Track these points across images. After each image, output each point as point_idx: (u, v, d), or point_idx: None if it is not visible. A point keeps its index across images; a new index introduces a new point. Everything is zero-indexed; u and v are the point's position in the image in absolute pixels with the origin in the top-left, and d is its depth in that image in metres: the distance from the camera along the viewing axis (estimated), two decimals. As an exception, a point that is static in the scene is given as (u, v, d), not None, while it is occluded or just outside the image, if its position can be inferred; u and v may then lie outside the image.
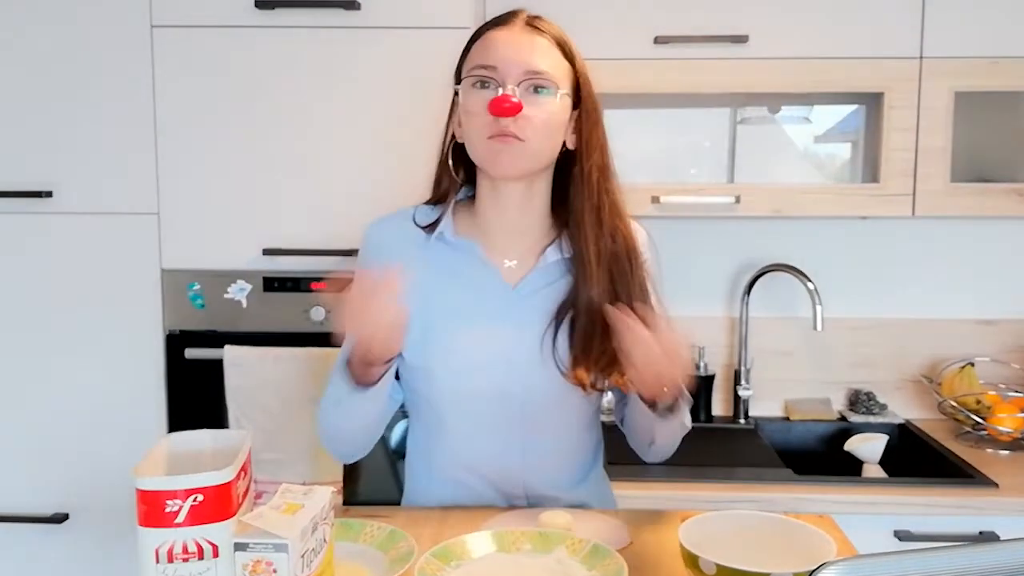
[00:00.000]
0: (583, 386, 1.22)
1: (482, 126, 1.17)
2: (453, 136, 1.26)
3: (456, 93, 1.24)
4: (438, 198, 1.30)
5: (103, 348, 1.81)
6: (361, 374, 1.16)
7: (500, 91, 1.15)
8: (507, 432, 1.26)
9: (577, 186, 1.23)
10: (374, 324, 1.08)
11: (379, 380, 1.16)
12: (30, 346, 1.82)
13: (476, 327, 1.24)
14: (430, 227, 1.26)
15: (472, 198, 1.29)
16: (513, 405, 1.25)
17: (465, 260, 1.25)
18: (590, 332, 1.21)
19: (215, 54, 1.75)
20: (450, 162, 1.27)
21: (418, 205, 1.31)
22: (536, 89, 1.17)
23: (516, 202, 1.25)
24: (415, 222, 1.28)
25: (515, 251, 1.27)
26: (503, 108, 1.13)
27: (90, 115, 1.77)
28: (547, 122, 1.18)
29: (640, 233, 1.31)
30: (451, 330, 1.24)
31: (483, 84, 1.18)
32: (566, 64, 1.21)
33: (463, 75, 1.22)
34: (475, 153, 1.21)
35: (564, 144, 1.24)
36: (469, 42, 1.24)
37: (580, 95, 1.23)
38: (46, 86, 1.77)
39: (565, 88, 1.20)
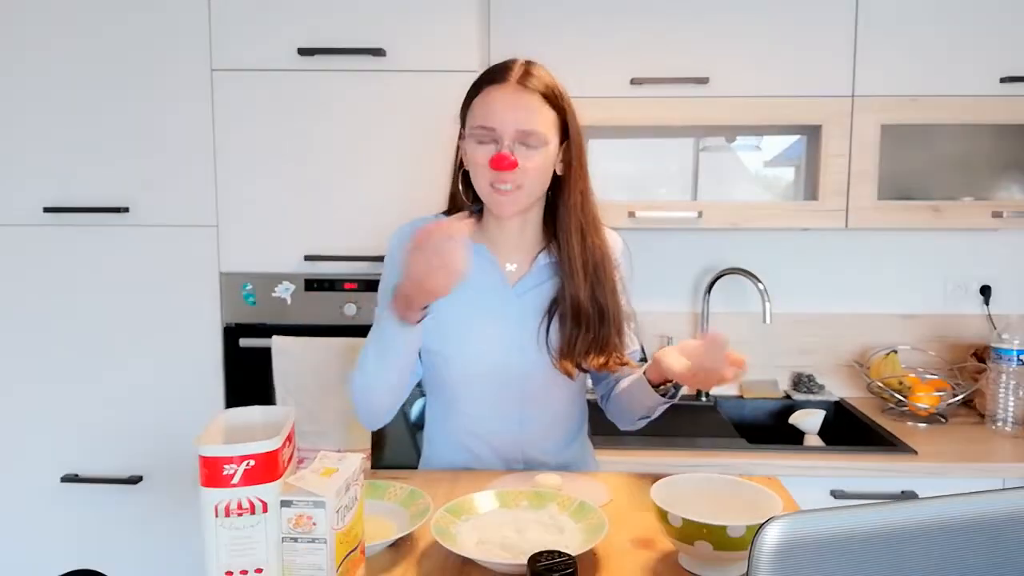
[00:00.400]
0: (569, 374, 1.23)
1: (485, 176, 1.18)
2: (461, 163, 1.25)
3: (462, 127, 1.23)
4: (452, 211, 1.29)
5: (171, 339, 1.81)
6: (402, 315, 1.12)
7: (497, 148, 1.15)
8: (508, 407, 1.27)
9: (564, 207, 1.24)
10: (437, 261, 1.03)
11: (419, 321, 1.13)
12: (111, 337, 1.82)
13: (484, 320, 1.25)
14: None
15: (480, 211, 1.28)
16: (513, 385, 1.26)
17: (476, 263, 1.24)
18: (574, 325, 1.23)
19: (265, 92, 1.75)
20: (460, 186, 1.26)
21: (436, 215, 1.30)
22: (528, 145, 1.16)
23: (515, 222, 1.26)
24: None
25: (515, 256, 1.28)
26: (501, 166, 1.14)
27: (161, 143, 1.77)
28: (539, 169, 1.18)
29: (617, 242, 1.31)
30: (463, 322, 1.24)
31: (483, 141, 1.17)
32: (554, 114, 1.19)
33: (467, 130, 1.20)
34: (480, 194, 1.21)
35: (554, 171, 1.24)
36: (471, 91, 1.21)
37: (568, 130, 1.22)
38: (124, 120, 1.77)
39: (553, 136, 1.19)
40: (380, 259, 1.75)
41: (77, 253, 1.80)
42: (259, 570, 0.79)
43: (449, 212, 1.30)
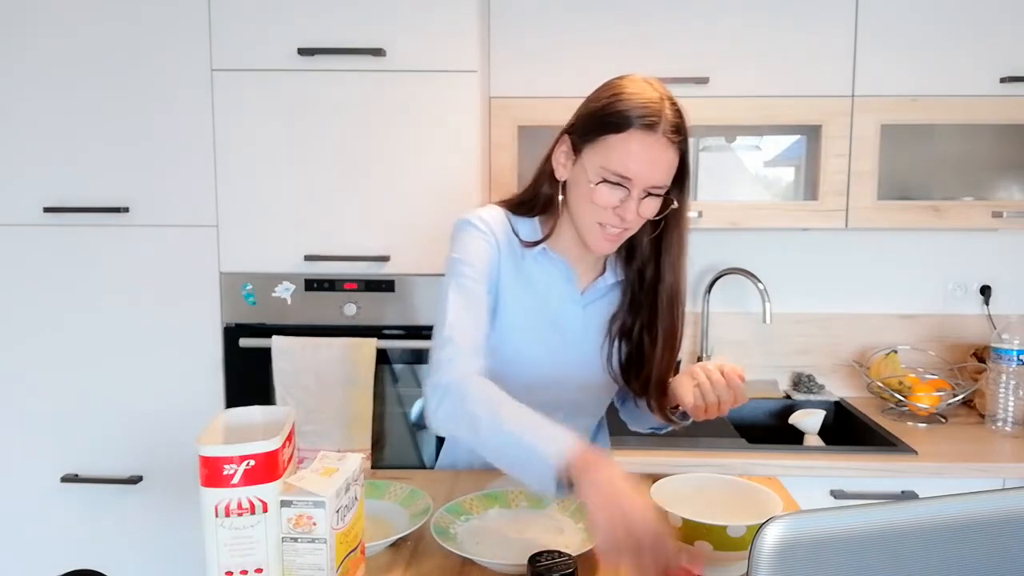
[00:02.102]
0: (633, 390, 1.23)
1: (599, 216, 1.12)
2: (551, 168, 1.18)
3: (576, 137, 1.14)
4: (529, 212, 1.22)
5: (172, 338, 1.81)
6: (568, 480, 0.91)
7: (624, 196, 1.09)
8: (558, 415, 1.24)
9: (673, 233, 1.19)
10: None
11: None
12: (111, 337, 1.82)
13: (552, 326, 1.22)
14: (534, 243, 1.19)
15: (548, 212, 1.21)
16: (568, 394, 1.24)
17: (553, 271, 1.21)
18: (666, 353, 1.21)
19: (265, 92, 1.75)
20: (560, 197, 1.17)
21: (503, 210, 1.22)
22: (652, 194, 1.11)
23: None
24: (516, 233, 1.20)
25: (584, 266, 1.24)
26: (628, 218, 1.10)
27: (161, 143, 1.77)
28: (651, 215, 1.13)
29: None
30: (532, 327, 1.20)
31: (611, 182, 1.09)
32: (678, 160, 1.12)
33: (592, 161, 1.10)
34: (582, 228, 1.15)
35: None
36: (611, 122, 1.09)
37: (684, 163, 1.15)
38: (124, 119, 1.77)
39: (670, 182, 1.13)
40: (380, 259, 1.76)
41: (77, 253, 1.80)
42: (259, 570, 0.79)
43: (520, 207, 1.22)
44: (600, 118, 1.10)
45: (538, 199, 1.21)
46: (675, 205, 1.14)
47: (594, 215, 1.12)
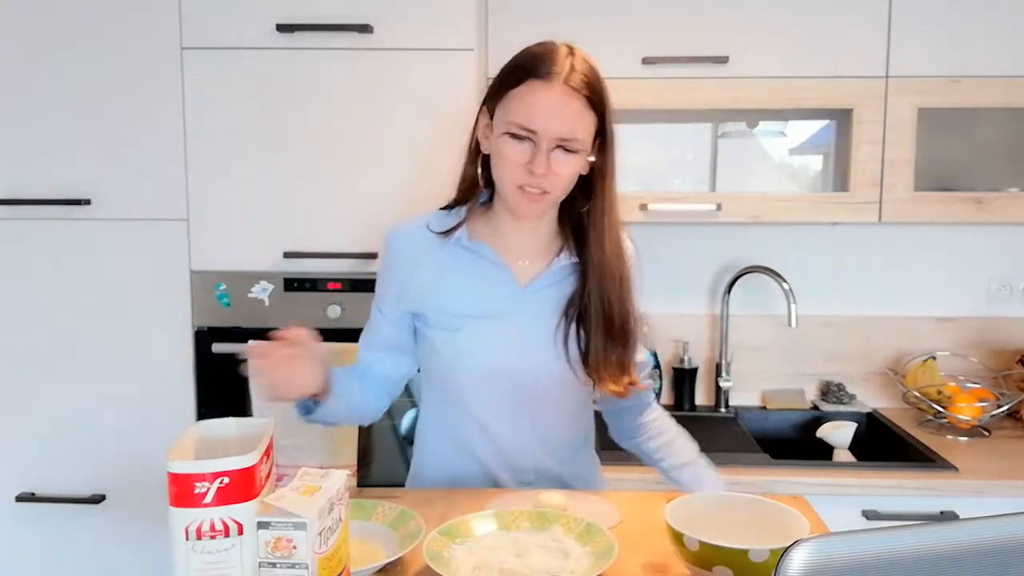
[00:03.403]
0: (596, 382, 1.27)
1: (514, 176, 1.18)
2: (478, 146, 1.26)
3: (489, 110, 1.23)
4: (458, 201, 1.30)
5: (137, 344, 1.81)
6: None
7: (534, 150, 1.16)
8: (519, 409, 1.29)
9: (597, 207, 1.25)
10: (282, 374, 1.12)
11: (314, 408, 1.22)
12: (70, 342, 1.82)
13: (492, 319, 1.26)
14: (446, 233, 1.26)
15: (488, 201, 1.29)
16: (526, 386, 1.28)
17: (479, 260, 1.27)
18: (599, 332, 1.25)
19: (240, 73, 1.75)
20: (479, 171, 1.26)
21: (432, 213, 1.31)
22: (566, 149, 1.17)
23: (533, 220, 1.27)
24: (429, 228, 1.28)
25: (527, 252, 1.29)
26: (537, 172, 1.16)
27: (125, 130, 1.77)
28: (572, 174, 1.20)
29: (628, 244, 1.32)
30: (470, 321, 1.26)
31: (518, 137, 1.16)
32: (594, 115, 1.19)
33: (499, 120, 1.19)
34: (503, 192, 1.22)
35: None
36: (509, 78, 1.19)
37: (603, 125, 1.22)
38: (84, 103, 1.77)
39: (589, 139, 1.20)
40: (368, 256, 1.76)
41: (33, 250, 1.81)
42: (234, 598, 0.79)
43: (458, 201, 1.30)
44: (503, 76, 1.21)
45: (465, 183, 1.29)
46: (592, 158, 1.21)
47: (512, 177, 1.18)
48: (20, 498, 1.83)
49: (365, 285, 1.78)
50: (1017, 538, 0.55)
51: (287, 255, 1.77)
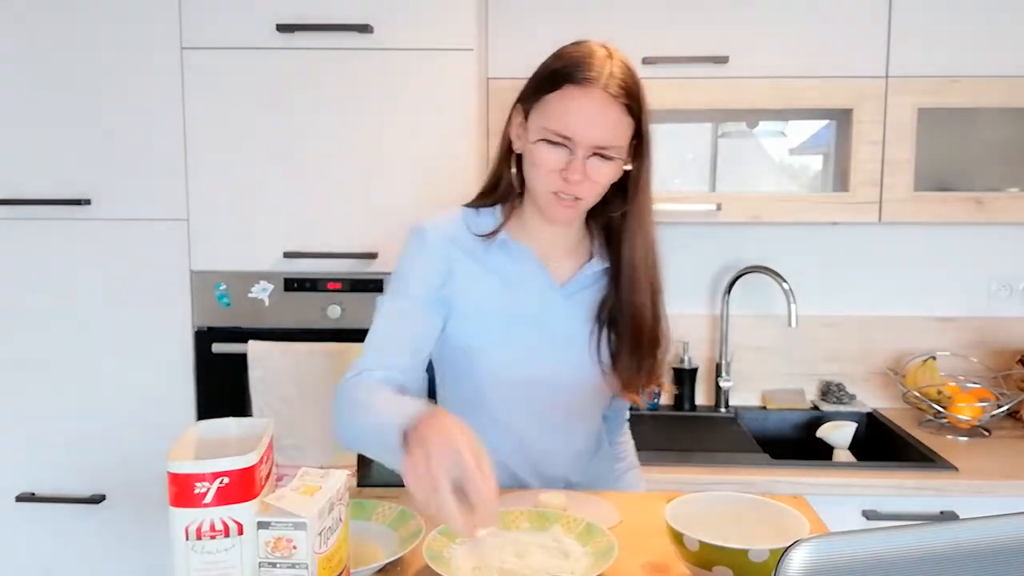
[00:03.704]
0: (625, 386, 1.26)
1: (548, 180, 1.15)
2: (510, 145, 1.23)
3: (523, 110, 1.19)
4: (491, 201, 1.26)
5: (137, 344, 1.81)
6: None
7: (570, 157, 1.13)
8: (553, 416, 1.27)
9: (632, 208, 1.23)
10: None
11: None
12: (69, 342, 1.82)
13: (531, 321, 1.24)
14: (490, 235, 1.22)
15: (519, 196, 1.25)
16: (561, 393, 1.26)
17: (521, 262, 1.24)
18: (629, 336, 1.24)
19: (240, 73, 1.75)
20: (512, 171, 1.22)
21: (458, 210, 1.27)
22: (603, 156, 1.14)
23: (565, 226, 1.26)
24: (467, 227, 1.24)
25: (560, 253, 1.27)
26: (573, 179, 1.13)
27: (125, 130, 1.77)
28: (607, 182, 1.17)
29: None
30: (508, 324, 1.23)
31: (554, 143, 1.14)
32: (631, 121, 1.16)
33: (534, 123, 1.16)
34: (536, 196, 1.19)
35: None
36: (547, 82, 1.15)
37: (640, 129, 1.19)
38: (84, 103, 1.77)
39: (626, 145, 1.17)
40: (367, 256, 1.76)
41: (33, 250, 1.81)
42: (234, 598, 0.79)
43: (484, 200, 1.27)
44: (539, 79, 1.17)
45: (500, 182, 1.25)
46: (628, 167, 1.18)
47: (546, 182, 1.16)
48: (20, 498, 1.83)
49: (365, 285, 1.78)
50: (1017, 538, 0.55)
51: (287, 255, 1.77)
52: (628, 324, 1.24)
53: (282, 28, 1.72)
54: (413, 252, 1.24)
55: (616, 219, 1.25)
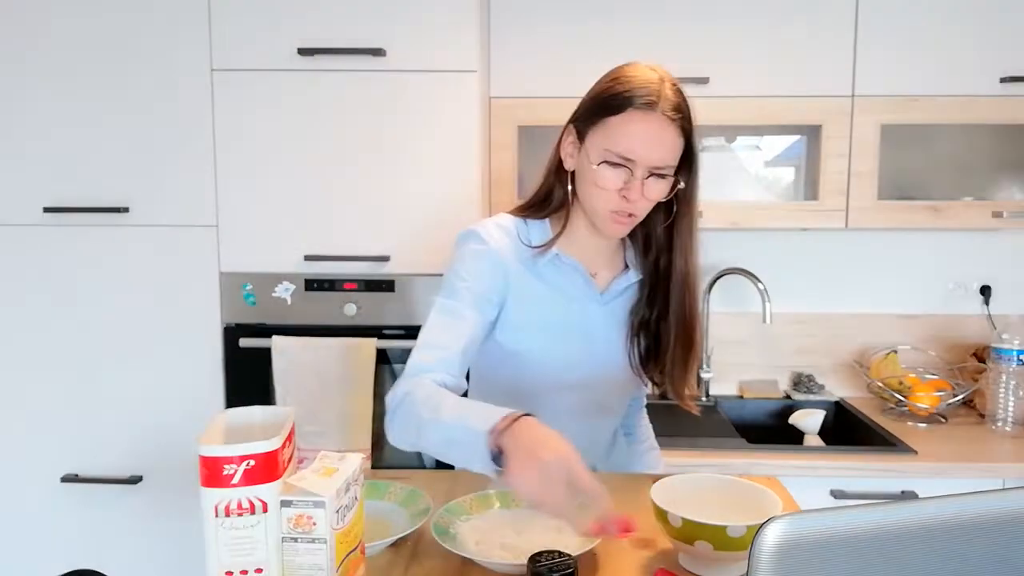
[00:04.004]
0: (652, 380, 1.25)
1: (607, 200, 1.12)
2: (560, 162, 1.18)
3: (578, 127, 1.15)
4: (541, 214, 1.22)
5: (172, 339, 1.81)
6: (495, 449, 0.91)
7: (628, 177, 1.10)
8: (585, 413, 1.26)
9: (683, 220, 1.20)
10: (554, 502, 0.86)
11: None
12: (111, 337, 1.82)
13: (576, 330, 1.21)
14: (544, 246, 1.18)
15: (560, 208, 1.21)
16: (596, 396, 1.25)
17: (570, 275, 1.21)
18: (680, 340, 1.21)
19: (264, 93, 1.75)
20: (566, 187, 1.18)
21: (507, 219, 1.22)
22: (657, 175, 1.11)
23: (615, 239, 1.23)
24: (520, 237, 1.20)
25: (601, 261, 1.24)
26: (632, 199, 1.11)
27: (160, 143, 1.77)
28: (659, 197, 1.14)
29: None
30: (555, 332, 1.20)
31: (614, 164, 1.10)
32: (683, 141, 1.13)
33: (594, 144, 1.12)
34: (592, 214, 1.15)
35: None
36: (609, 104, 1.11)
37: (690, 147, 1.15)
38: (124, 119, 1.77)
39: (676, 163, 1.14)
40: (380, 259, 1.76)
41: (77, 253, 1.81)
42: (259, 570, 0.79)
43: (534, 211, 1.22)
44: (600, 101, 1.12)
45: (550, 197, 1.21)
46: (682, 185, 1.14)
47: (602, 201, 1.12)
48: (65, 479, 1.83)
49: (379, 285, 1.78)
50: (971, 515, 0.55)
51: (307, 258, 1.77)
52: (679, 329, 1.20)
53: (303, 52, 1.72)
54: (468, 256, 1.17)
55: (659, 232, 1.21)
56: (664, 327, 1.21)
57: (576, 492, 0.85)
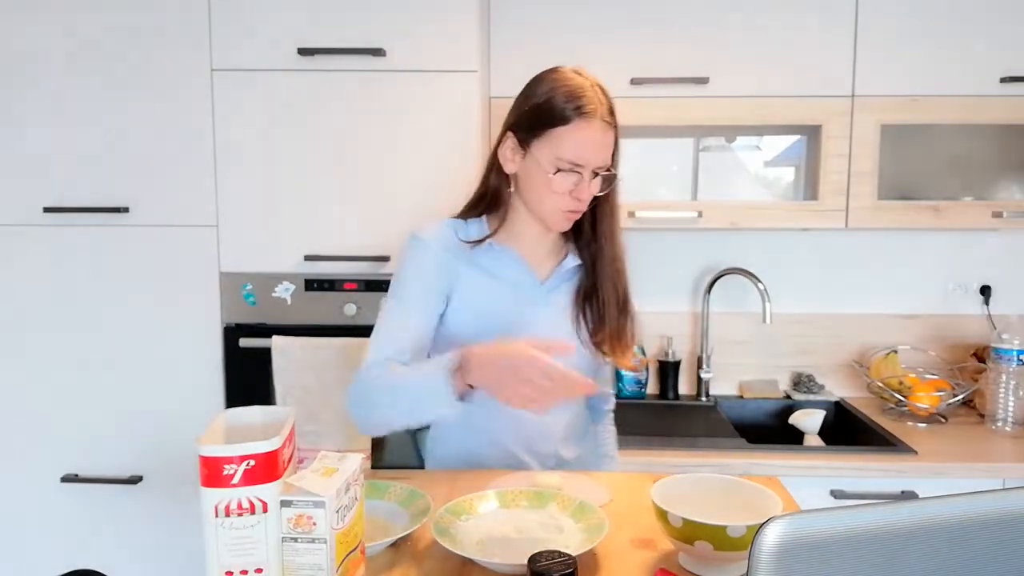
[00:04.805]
0: (603, 351, 1.32)
1: (560, 203, 1.23)
2: (498, 165, 1.27)
3: (510, 133, 1.25)
4: (478, 212, 1.32)
5: (172, 339, 1.81)
6: (460, 389, 1.07)
7: (578, 180, 1.21)
8: None
9: (607, 205, 1.30)
10: (525, 389, 1.01)
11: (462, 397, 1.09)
12: (111, 337, 1.82)
13: (518, 312, 1.29)
14: (478, 241, 1.28)
15: (498, 207, 1.31)
16: None
17: (506, 263, 1.30)
18: (614, 311, 1.31)
19: (265, 93, 1.75)
20: (511, 188, 1.28)
21: (447, 220, 1.32)
22: (599, 174, 1.23)
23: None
24: (457, 235, 1.29)
25: (539, 254, 1.33)
26: (583, 198, 1.22)
27: (161, 143, 1.77)
28: (601, 190, 1.25)
29: None
30: (499, 315, 1.28)
31: (564, 170, 1.20)
32: (615, 136, 1.24)
33: (545, 153, 1.20)
34: (542, 213, 1.25)
35: None
36: (557, 116, 1.19)
37: (616, 140, 1.26)
38: (124, 120, 1.77)
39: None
40: (380, 259, 1.76)
41: (77, 253, 1.81)
42: (259, 570, 0.79)
43: (473, 211, 1.32)
44: (543, 113, 1.21)
45: (486, 196, 1.31)
46: (620, 178, 1.27)
47: (554, 202, 1.23)
48: (65, 479, 1.83)
49: (379, 285, 1.78)
50: (971, 515, 0.55)
51: (307, 258, 1.77)
52: (613, 301, 1.30)
53: (303, 52, 1.72)
54: (412, 257, 1.28)
55: (586, 219, 1.30)
56: (599, 301, 1.31)
57: (548, 377, 0.99)
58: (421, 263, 1.27)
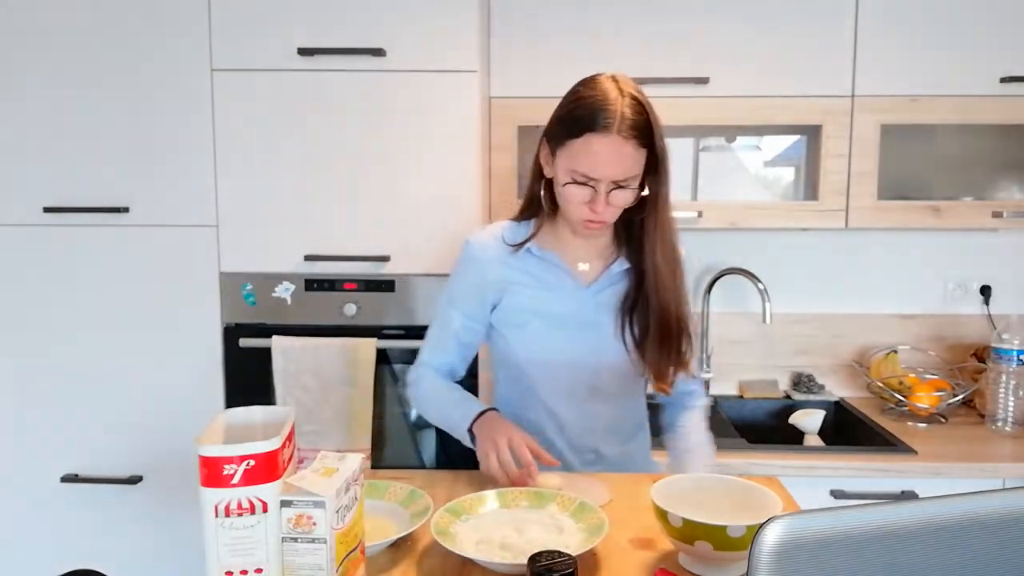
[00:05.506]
0: (662, 379, 1.30)
1: (578, 211, 1.23)
2: (541, 169, 1.29)
3: (550, 145, 1.25)
4: (528, 215, 1.35)
5: (172, 339, 1.81)
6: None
7: (593, 193, 1.20)
8: (582, 396, 1.33)
9: (650, 218, 1.27)
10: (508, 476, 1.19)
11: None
12: (111, 337, 1.82)
13: (559, 317, 1.31)
14: (518, 245, 1.31)
15: (551, 210, 1.32)
16: (588, 376, 1.32)
17: (548, 267, 1.31)
18: (657, 328, 1.28)
19: (265, 93, 1.75)
20: (542, 194, 1.30)
21: (504, 223, 1.36)
22: (621, 186, 1.20)
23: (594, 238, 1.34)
24: (504, 240, 1.32)
25: (588, 257, 1.33)
26: (598, 211, 1.21)
27: (160, 143, 1.77)
28: (626, 204, 1.23)
29: (681, 251, 1.33)
30: (539, 318, 1.30)
31: (579, 183, 1.20)
32: (645, 150, 1.20)
33: (562, 165, 1.21)
34: (568, 220, 1.28)
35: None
36: (570, 129, 1.19)
37: (654, 148, 1.22)
38: (124, 119, 1.77)
39: (641, 171, 1.22)
40: (380, 259, 1.76)
41: (77, 253, 1.81)
42: (259, 570, 0.79)
43: (525, 213, 1.35)
44: (563, 123, 1.22)
45: (534, 199, 1.33)
46: (645, 192, 1.23)
47: (575, 213, 1.24)
48: (65, 479, 1.83)
49: (378, 285, 1.78)
50: (971, 515, 0.55)
51: (307, 258, 1.77)
52: (655, 318, 1.28)
53: (303, 52, 1.72)
54: (461, 264, 1.35)
55: (636, 224, 1.29)
56: (645, 313, 1.30)
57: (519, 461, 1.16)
58: (468, 272, 1.33)
